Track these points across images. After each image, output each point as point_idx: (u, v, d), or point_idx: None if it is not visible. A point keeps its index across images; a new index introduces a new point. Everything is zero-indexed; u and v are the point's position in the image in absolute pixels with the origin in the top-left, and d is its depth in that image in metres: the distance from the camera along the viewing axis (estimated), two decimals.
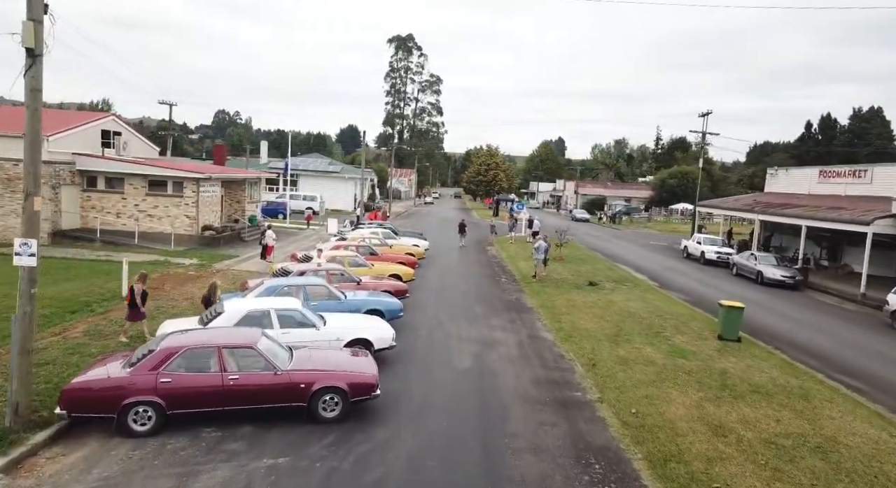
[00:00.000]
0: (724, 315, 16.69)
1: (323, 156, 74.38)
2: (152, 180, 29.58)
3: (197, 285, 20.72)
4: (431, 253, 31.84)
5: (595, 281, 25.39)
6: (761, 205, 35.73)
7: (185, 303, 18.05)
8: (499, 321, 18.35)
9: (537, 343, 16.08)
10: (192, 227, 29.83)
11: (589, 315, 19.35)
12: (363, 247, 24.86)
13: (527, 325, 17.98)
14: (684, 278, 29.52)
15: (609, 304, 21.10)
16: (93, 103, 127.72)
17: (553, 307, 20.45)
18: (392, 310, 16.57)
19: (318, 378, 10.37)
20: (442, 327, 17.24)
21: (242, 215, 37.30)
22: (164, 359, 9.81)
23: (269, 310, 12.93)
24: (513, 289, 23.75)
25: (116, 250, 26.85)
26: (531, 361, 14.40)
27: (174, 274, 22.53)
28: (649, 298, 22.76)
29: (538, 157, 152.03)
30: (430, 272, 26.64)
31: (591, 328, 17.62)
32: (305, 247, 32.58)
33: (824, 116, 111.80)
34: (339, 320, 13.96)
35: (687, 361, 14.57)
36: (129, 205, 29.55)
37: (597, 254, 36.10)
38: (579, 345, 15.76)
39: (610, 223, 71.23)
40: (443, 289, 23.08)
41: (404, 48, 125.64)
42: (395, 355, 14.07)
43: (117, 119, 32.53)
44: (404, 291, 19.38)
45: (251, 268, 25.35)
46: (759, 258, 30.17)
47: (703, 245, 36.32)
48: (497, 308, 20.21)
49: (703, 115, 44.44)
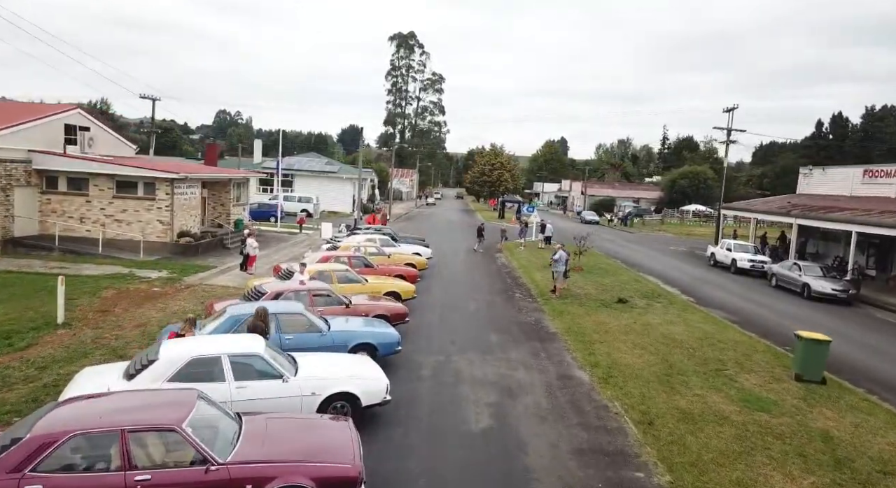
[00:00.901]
0: (804, 350, 13.30)
1: (320, 156, 71.04)
2: (121, 181, 26.24)
3: (157, 306, 17.39)
4: (434, 261, 28.49)
5: (624, 297, 22.00)
6: (799, 209, 32.32)
7: (135, 332, 14.70)
8: (519, 353, 14.98)
9: (571, 387, 12.72)
10: (166, 234, 26.50)
11: (627, 343, 15.97)
12: (356, 257, 21.50)
13: (554, 360, 14.61)
14: (720, 292, 26.12)
15: (647, 328, 17.72)
16: (91, 103, 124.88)
17: (581, 332, 17.08)
18: (387, 343, 13.23)
19: (272, 474, 7.02)
20: (450, 364, 13.87)
21: (227, 219, 33.97)
22: (35, 451, 6.46)
23: (220, 356, 9.58)
24: (530, 308, 20.39)
25: (75, 261, 23.51)
26: (567, 417, 11.04)
27: (134, 291, 19.19)
28: (691, 319, 19.38)
29: (542, 157, 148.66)
30: (433, 286, 23.29)
31: (633, 363, 14.25)
32: (295, 254, 29.24)
33: (836, 115, 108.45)
34: (317, 365, 10.61)
35: (771, 416, 11.19)
36: (94, 209, 26.21)
37: (617, 263, 32.70)
38: (624, 390, 12.40)
39: (621, 225, 67.82)
40: (449, 308, 19.72)
41: (406, 46, 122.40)
42: (390, 412, 10.72)
43: (84, 112, 29.21)
44: (403, 315, 16.03)
45: (228, 281, 22.01)
46: (804, 268, 26.78)
47: (733, 252, 32.92)
48: (515, 334, 16.84)
49: (728, 111, 41.05)
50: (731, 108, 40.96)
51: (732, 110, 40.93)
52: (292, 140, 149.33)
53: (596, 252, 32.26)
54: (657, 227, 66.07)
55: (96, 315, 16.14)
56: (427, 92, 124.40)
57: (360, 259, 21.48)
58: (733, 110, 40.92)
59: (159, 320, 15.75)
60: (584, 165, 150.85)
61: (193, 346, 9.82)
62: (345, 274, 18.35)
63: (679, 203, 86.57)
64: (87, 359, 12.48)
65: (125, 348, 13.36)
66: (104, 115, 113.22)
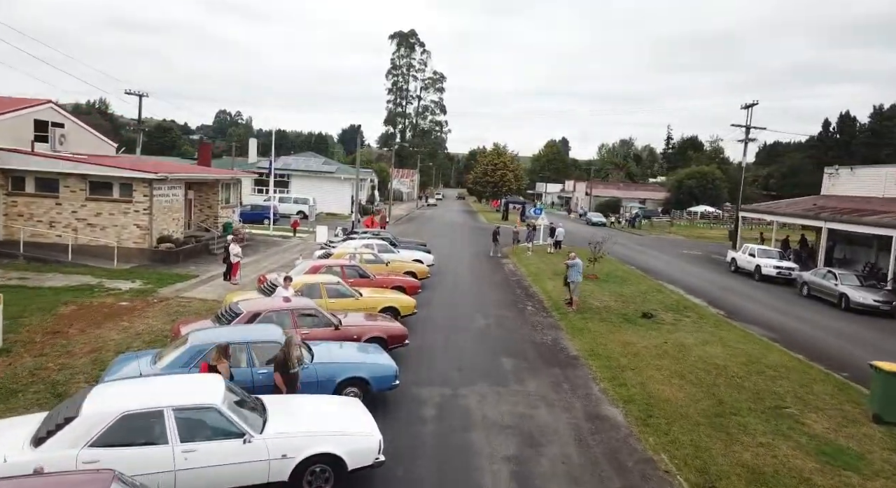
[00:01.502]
0: (885, 385, 11.04)
1: (317, 155, 68.83)
2: (94, 182, 24.01)
3: (120, 325, 15.15)
4: (437, 268, 26.25)
5: (649, 310, 19.75)
6: (829, 211, 30.05)
7: (85, 360, 12.45)
8: (538, 384, 12.73)
9: (604, 431, 10.47)
10: (144, 239, 24.27)
11: (662, 370, 13.73)
12: (350, 267, 19.27)
13: (579, 392, 12.36)
14: (749, 303, 23.86)
15: (681, 350, 15.47)
16: (89, 103, 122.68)
17: (607, 355, 14.84)
18: (383, 377, 11.01)
19: None
20: (457, 400, 11.63)
21: (215, 222, 31.76)
22: None
23: (161, 410, 7.36)
24: (545, 324, 18.14)
25: (40, 270, 21.29)
26: (607, 480, 8.79)
27: (97, 306, 16.96)
28: (728, 338, 17.12)
29: (544, 157, 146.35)
30: (436, 298, 21.06)
31: (674, 398, 12.01)
32: (287, 261, 27.04)
33: (843, 114, 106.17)
34: (292, 415, 8.40)
35: (863, 478, 8.95)
36: (65, 213, 23.99)
37: (633, 269, 30.45)
38: (671, 437, 10.17)
39: (628, 227, 65.54)
40: (454, 326, 17.47)
41: (406, 44, 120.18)
42: (384, 475, 8.48)
43: (57, 107, 26.95)
44: (402, 337, 13.82)
45: (208, 293, 19.77)
46: (840, 277, 24.51)
47: (757, 258, 30.67)
48: (531, 359, 14.59)
49: (747, 107, 38.74)
50: (749, 104, 38.66)
51: (751, 106, 38.62)
52: (293, 140, 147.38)
53: (610, 258, 30.01)
54: (667, 229, 63.80)
55: (45, 337, 13.92)
56: (428, 91, 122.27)
57: (355, 269, 19.26)
58: (752, 106, 38.62)
59: (118, 344, 13.53)
60: (587, 165, 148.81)
61: (127, 397, 7.59)
62: (336, 287, 16.14)
63: (686, 204, 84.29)
64: (16, 399, 10.27)
65: (68, 383, 11.12)
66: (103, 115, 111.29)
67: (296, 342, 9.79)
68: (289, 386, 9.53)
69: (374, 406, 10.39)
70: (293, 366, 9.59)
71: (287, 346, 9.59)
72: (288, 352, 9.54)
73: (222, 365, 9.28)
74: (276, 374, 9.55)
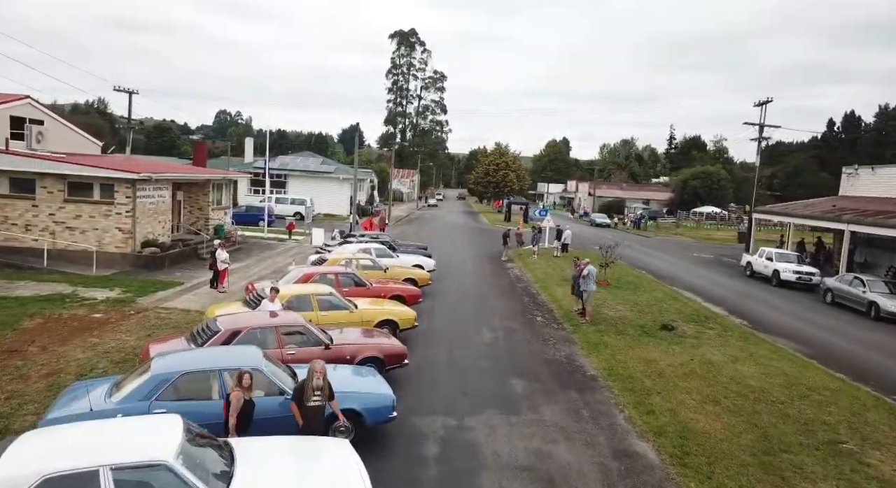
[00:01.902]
0: None
1: (315, 155, 67.27)
2: (74, 182, 22.51)
3: (89, 342, 13.64)
4: (438, 273, 24.74)
5: (668, 322, 18.24)
6: (851, 213, 28.52)
7: (40, 386, 10.92)
8: (554, 412, 11.22)
9: (636, 473, 8.96)
10: (127, 244, 22.77)
11: (692, 394, 12.22)
12: (345, 275, 17.75)
13: (602, 422, 10.85)
14: (772, 312, 22.36)
15: (711, 369, 13.96)
16: (88, 102, 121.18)
17: (628, 375, 13.33)
18: (377, 409, 9.52)
19: None
20: (463, 434, 10.11)
21: (206, 225, 30.25)
22: None
23: (97, 471, 5.84)
24: (557, 338, 16.62)
25: (11, 278, 19.78)
26: None
27: (67, 319, 15.45)
28: (758, 354, 15.59)
29: (546, 157, 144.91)
30: (437, 307, 19.56)
31: (711, 430, 10.49)
32: (280, 265, 25.56)
33: (848, 114, 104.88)
34: (265, 471, 6.87)
35: None
36: (41, 215, 22.47)
37: (645, 275, 28.93)
38: (714, 481, 8.68)
39: (633, 229, 64.01)
40: (457, 340, 15.96)
41: (407, 43, 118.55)
42: None
43: (36, 103, 25.46)
44: (401, 357, 12.33)
45: (192, 303, 18.26)
46: (869, 284, 22.99)
47: (775, 262, 29.14)
48: (545, 380, 13.07)
49: (760, 104, 37.22)
50: (763, 101, 37.16)
51: (765, 104, 37.10)
52: (293, 140, 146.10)
53: (619, 262, 28.51)
54: (672, 231, 62.27)
55: (5, 354, 12.43)
56: (428, 90, 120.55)
57: (350, 277, 17.73)
58: (766, 104, 37.12)
59: (81, 365, 12.04)
60: (588, 165, 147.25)
61: (55, 451, 6.09)
62: (328, 298, 14.61)
63: (691, 204, 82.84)
64: None
65: (13, 416, 9.62)
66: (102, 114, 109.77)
67: (318, 369, 8.40)
68: (305, 420, 8.25)
69: (366, 441, 8.93)
70: (309, 397, 8.25)
71: (308, 375, 8.38)
72: (308, 380, 8.31)
73: (234, 393, 8.00)
74: (293, 404, 8.41)
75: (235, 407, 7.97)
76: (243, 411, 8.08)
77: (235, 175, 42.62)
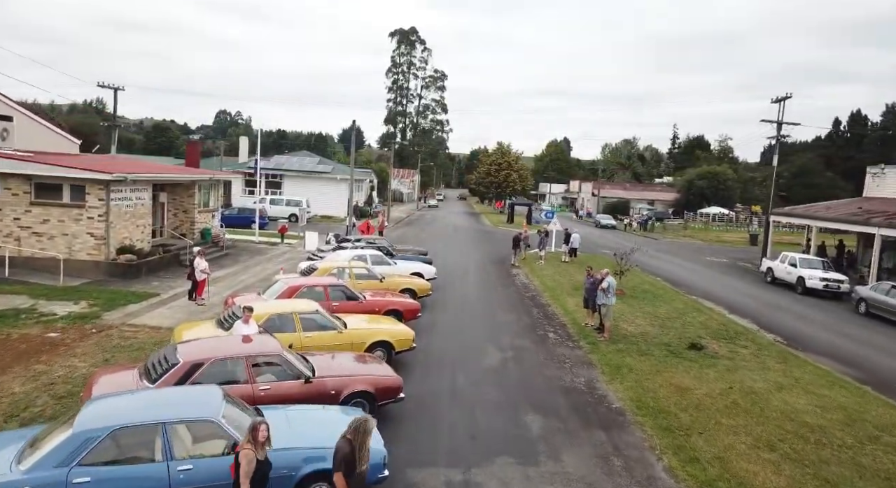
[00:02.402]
0: None
1: (312, 154, 65.29)
2: (41, 183, 20.63)
3: (33, 369, 11.74)
4: (439, 281, 22.84)
5: (696, 340, 16.33)
6: (881, 216, 26.62)
7: None
8: (578, 460, 9.32)
9: None
10: (100, 250, 20.89)
11: (739, 434, 10.32)
12: (336, 287, 15.84)
13: (638, 476, 8.94)
14: (804, 324, 20.48)
15: (755, 401, 12.04)
16: (86, 102, 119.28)
17: (660, 408, 11.43)
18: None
19: None
20: None
21: (191, 228, 28.36)
22: None
23: None
24: (574, 359, 14.72)
25: None
26: None
27: (16, 339, 13.54)
28: (805, 380, 13.67)
29: (547, 157, 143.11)
30: (438, 322, 17.67)
31: (772, 486, 8.60)
32: (270, 273, 23.63)
33: (854, 113, 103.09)
34: None
35: None
36: (6, 220, 20.60)
37: (659, 281, 27.04)
38: None
39: (640, 230, 62.03)
40: (462, 364, 14.04)
41: (407, 42, 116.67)
42: None
43: (5, 98, 23.57)
44: (395, 390, 10.44)
45: (165, 318, 16.35)
46: None
47: (799, 268, 27.24)
48: (565, 416, 11.16)
49: (778, 101, 35.28)
50: (782, 97, 35.21)
51: (784, 100, 35.16)
52: (293, 140, 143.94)
53: (635, 269, 26.61)
54: (680, 233, 60.35)
55: None
56: (429, 89, 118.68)
57: (341, 289, 15.83)
58: (785, 100, 35.16)
59: (15, 403, 10.14)
60: (591, 165, 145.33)
61: None
62: (313, 317, 12.71)
63: (697, 205, 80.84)
64: None
65: None
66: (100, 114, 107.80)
67: (369, 428, 6.39)
68: None
69: None
70: (361, 463, 6.28)
71: (359, 434, 6.30)
72: (362, 442, 6.27)
73: (244, 452, 6.14)
74: (338, 475, 6.22)
75: (247, 471, 6.04)
76: (257, 474, 6.15)
77: (227, 175, 40.77)
